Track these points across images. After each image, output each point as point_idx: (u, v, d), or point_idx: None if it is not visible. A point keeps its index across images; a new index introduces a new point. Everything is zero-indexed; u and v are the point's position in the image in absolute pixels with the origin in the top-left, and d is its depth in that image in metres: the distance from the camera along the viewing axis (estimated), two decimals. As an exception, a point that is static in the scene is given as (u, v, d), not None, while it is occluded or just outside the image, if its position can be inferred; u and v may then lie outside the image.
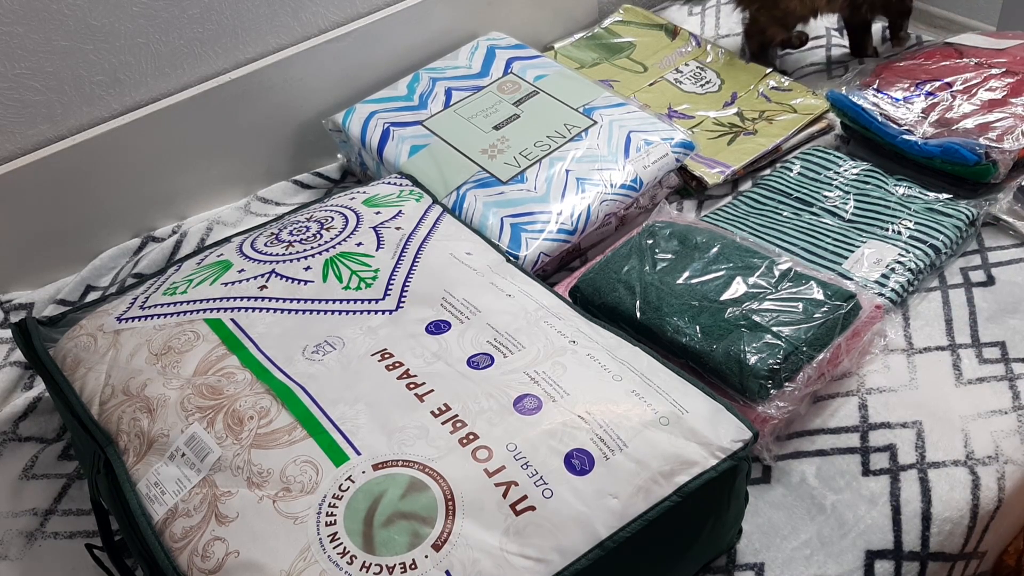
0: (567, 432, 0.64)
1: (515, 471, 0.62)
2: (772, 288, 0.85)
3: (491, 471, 0.62)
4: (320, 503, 0.61)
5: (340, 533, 0.59)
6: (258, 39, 1.16)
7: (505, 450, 0.63)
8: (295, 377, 0.71)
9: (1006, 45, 1.17)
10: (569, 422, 0.65)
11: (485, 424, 0.65)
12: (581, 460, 0.63)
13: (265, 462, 0.64)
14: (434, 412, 0.67)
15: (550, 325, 0.76)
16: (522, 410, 0.66)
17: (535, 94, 1.15)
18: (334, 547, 0.58)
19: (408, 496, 0.61)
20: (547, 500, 0.61)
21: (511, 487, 0.61)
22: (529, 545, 0.59)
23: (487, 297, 0.79)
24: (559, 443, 0.64)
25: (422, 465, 0.62)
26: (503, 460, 0.63)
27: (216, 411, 0.69)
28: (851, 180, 1.06)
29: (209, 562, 0.60)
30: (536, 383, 0.68)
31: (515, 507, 0.60)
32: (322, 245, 0.86)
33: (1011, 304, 0.92)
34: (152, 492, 0.66)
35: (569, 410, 0.66)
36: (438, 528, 0.59)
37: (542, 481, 0.62)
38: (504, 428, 0.65)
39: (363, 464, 0.63)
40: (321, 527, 0.60)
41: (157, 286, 0.85)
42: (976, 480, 0.77)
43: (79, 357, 0.79)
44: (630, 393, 0.68)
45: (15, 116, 1.02)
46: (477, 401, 0.67)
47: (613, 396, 0.68)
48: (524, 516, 0.60)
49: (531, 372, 0.70)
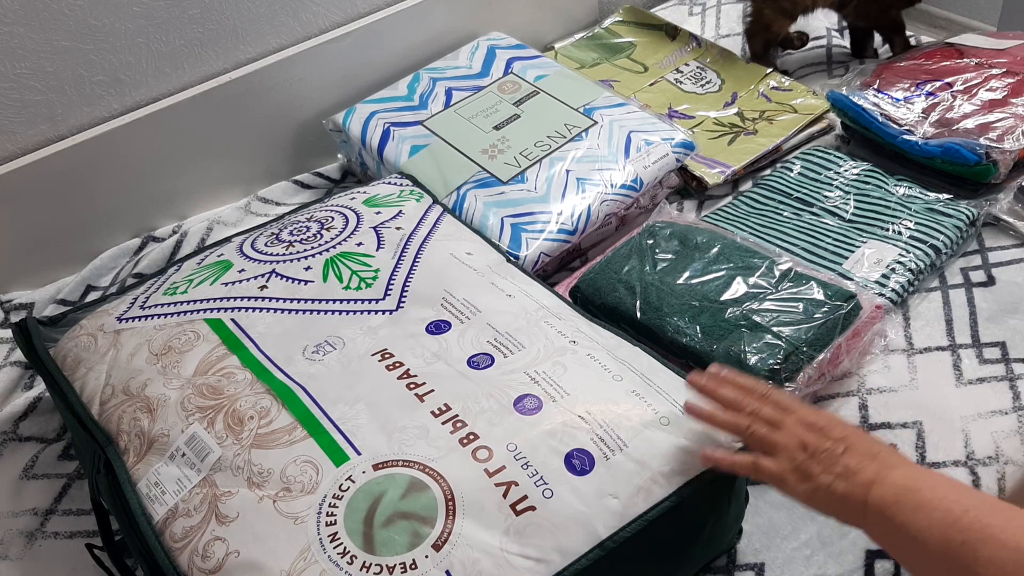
0: (567, 432, 0.64)
1: (515, 471, 0.62)
2: (772, 288, 0.85)
3: (491, 471, 0.62)
4: (320, 503, 0.61)
5: (340, 533, 0.59)
6: (258, 39, 1.16)
7: (505, 450, 0.63)
8: (295, 377, 0.71)
9: (1006, 45, 1.17)
10: (569, 422, 0.65)
11: (485, 424, 0.65)
12: (581, 460, 0.63)
13: (265, 462, 0.64)
14: (434, 412, 0.66)
15: (550, 325, 0.75)
16: (522, 410, 0.66)
17: (535, 94, 1.15)
18: (334, 547, 0.58)
19: (408, 496, 0.61)
20: (547, 500, 0.61)
21: (511, 487, 0.61)
22: (529, 545, 0.59)
23: (487, 297, 0.79)
24: (559, 443, 0.64)
25: (422, 465, 0.62)
26: (503, 460, 0.63)
27: (216, 411, 0.69)
28: (851, 180, 1.06)
29: (209, 562, 0.60)
30: (536, 383, 0.68)
31: (515, 507, 0.60)
32: (322, 245, 0.86)
33: (1011, 304, 0.92)
34: (152, 492, 0.66)
35: (569, 410, 0.66)
36: (438, 528, 0.59)
37: (542, 481, 0.61)
38: (504, 428, 0.65)
39: (363, 464, 0.63)
40: (321, 527, 0.60)
41: (157, 286, 0.85)
42: (976, 480, 0.77)
43: (79, 357, 0.79)
44: (630, 393, 0.68)
45: (15, 116, 1.02)
46: (477, 401, 0.67)
47: (613, 396, 0.68)
48: (524, 516, 0.60)
49: (531, 372, 0.69)
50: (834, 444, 0.59)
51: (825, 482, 0.58)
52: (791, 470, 0.59)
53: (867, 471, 0.57)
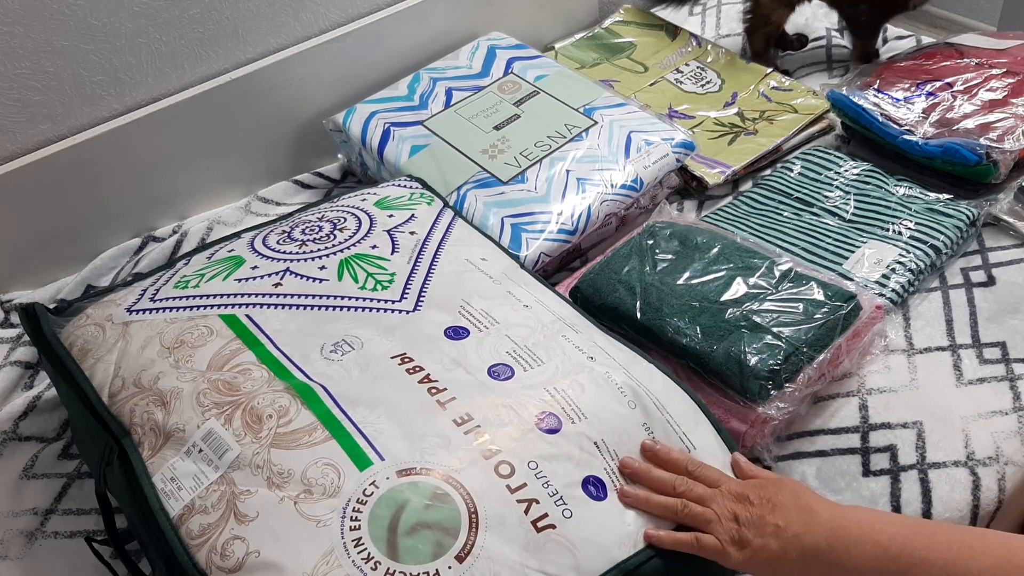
0: (583, 458, 0.65)
1: (536, 489, 0.62)
2: (772, 289, 0.85)
3: (513, 488, 0.62)
4: (344, 507, 0.60)
5: (365, 538, 0.59)
6: (259, 39, 1.16)
7: (527, 468, 0.63)
8: (314, 376, 0.70)
9: (1007, 45, 1.17)
10: (586, 448, 0.66)
11: (507, 439, 0.65)
12: (596, 487, 0.64)
13: (285, 462, 0.64)
14: (456, 421, 0.66)
15: (567, 339, 0.75)
16: (543, 429, 0.66)
17: (536, 94, 1.15)
18: (359, 552, 0.58)
19: (432, 506, 0.60)
20: (567, 520, 0.61)
21: (532, 504, 0.62)
22: (548, 562, 0.59)
23: (504, 309, 0.78)
24: (576, 467, 0.65)
25: (446, 475, 0.62)
26: (525, 477, 0.63)
27: (233, 407, 0.68)
28: (852, 180, 1.06)
29: (229, 560, 0.60)
30: (556, 402, 0.68)
31: (536, 524, 0.61)
32: (336, 245, 0.85)
33: (1012, 304, 0.92)
34: (168, 487, 0.65)
35: (586, 435, 0.67)
36: (461, 540, 0.59)
37: (562, 501, 0.62)
38: (525, 445, 0.65)
39: (387, 470, 0.62)
40: (346, 531, 0.59)
41: (167, 279, 0.84)
42: (976, 481, 0.77)
43: (86, 347, 0.78)
44: (641, 426, 0.69)
45: (15, 116, 1.02)
46: (498, 414, 0.67)
47: (627, 427, 0.68)
48: (545, 533, 0.60)
49: (550, 389, 0.69)
50: (761, 507, 0.62)
51: (759, 544, 0.61)
52: (729, 542, 0.62)
53: (795, 523, 0.60)
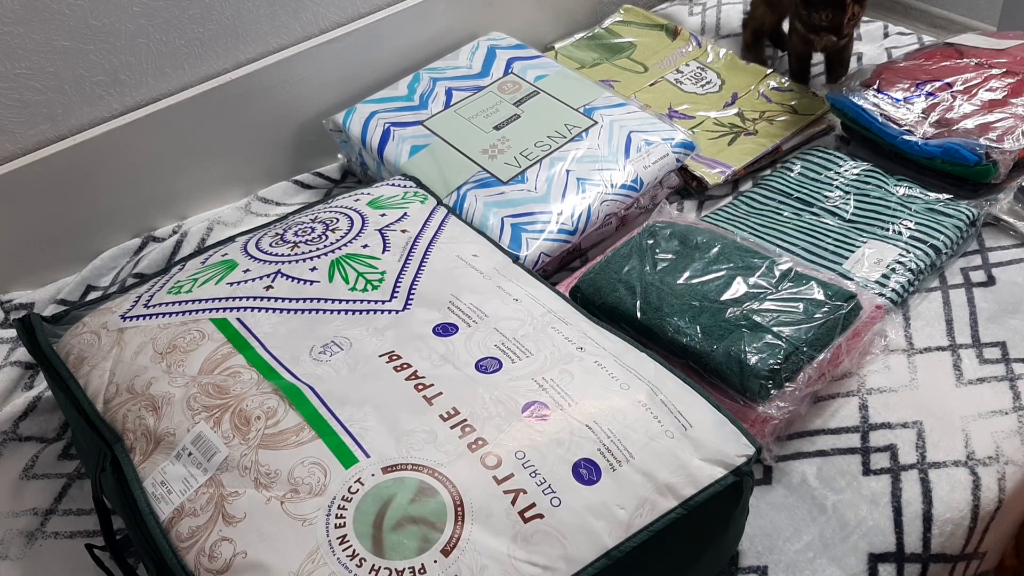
0: (574, 442, 0.64)
1: (524, 479, 0.62)
2: (773, 288, 0.85)
3: (500, 478, 0.62)
4: (329, 505, 0.61)
5: (350, 536, 0.59)
6: (258, 39, 1.16)
7: (514, 458, 0.63)
8: (302, 377, 0.71)
9: (1006, 45, 1.17)
10: (576, 431, 0.65)
11: (493, 430, 0.65)
12: (588, 470, 0.63)
13: (273, 463, 0.64)
14: (443, 416, 0.66)
15: (557, 331, 0.75)
16: (530, 417, 0.66)
17: (535, 94, 1.15)
18: (343, 549, 0.58)
19: (417, 500, 0.60)
20: (555, 508, 0.61)
21: (519, 495, 0.61)
22: (537, 552, 0.59)
23: (494, 303, 0.78)
24: (567, 452, 0.64)
25: (431, 470, 0.62)
26: (512, 468, 0.63)
27: (223, 410, 0.69)
28: (851, 180, 1.06)
29: (216, 562, 0.60)
30: (544, 390, 0.68)
31: (523, 514, 0.60)
32: (328, 246, 0.86)
33: (1012, 304, 0.92)
34: (158, 491, 0.66)
35: (577, 419, 0.66)
36: (447, 533, 0.59)
37: (550, 490, 0.62)
38: (512, 435, 0.65)
39: (372, 467, 0.63)
40: (330, 529, 0.59)
41: (161, 285, 0.85)
42: (977, 480, 0.77)
43: (83, 355, 0.78)
44: (637, 404, 0.68)
45: (15, 116, 1.02)
46: (485, 406, 0.67)
47: (620, 407, 0.68)
48: (532, 523, 0.60)
49: (539, 379, 0.69)
50: None
51: None
52: None
53: None
